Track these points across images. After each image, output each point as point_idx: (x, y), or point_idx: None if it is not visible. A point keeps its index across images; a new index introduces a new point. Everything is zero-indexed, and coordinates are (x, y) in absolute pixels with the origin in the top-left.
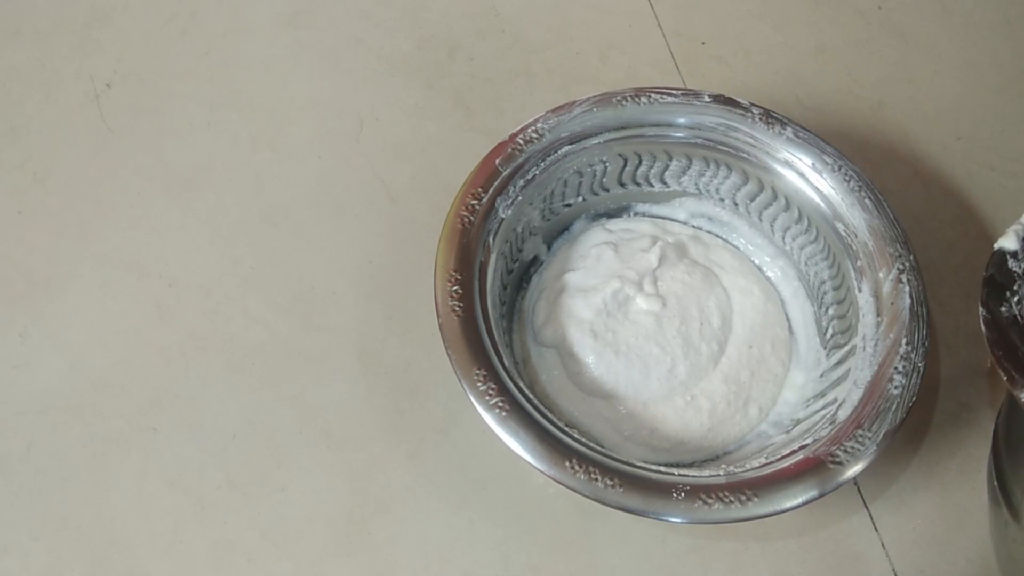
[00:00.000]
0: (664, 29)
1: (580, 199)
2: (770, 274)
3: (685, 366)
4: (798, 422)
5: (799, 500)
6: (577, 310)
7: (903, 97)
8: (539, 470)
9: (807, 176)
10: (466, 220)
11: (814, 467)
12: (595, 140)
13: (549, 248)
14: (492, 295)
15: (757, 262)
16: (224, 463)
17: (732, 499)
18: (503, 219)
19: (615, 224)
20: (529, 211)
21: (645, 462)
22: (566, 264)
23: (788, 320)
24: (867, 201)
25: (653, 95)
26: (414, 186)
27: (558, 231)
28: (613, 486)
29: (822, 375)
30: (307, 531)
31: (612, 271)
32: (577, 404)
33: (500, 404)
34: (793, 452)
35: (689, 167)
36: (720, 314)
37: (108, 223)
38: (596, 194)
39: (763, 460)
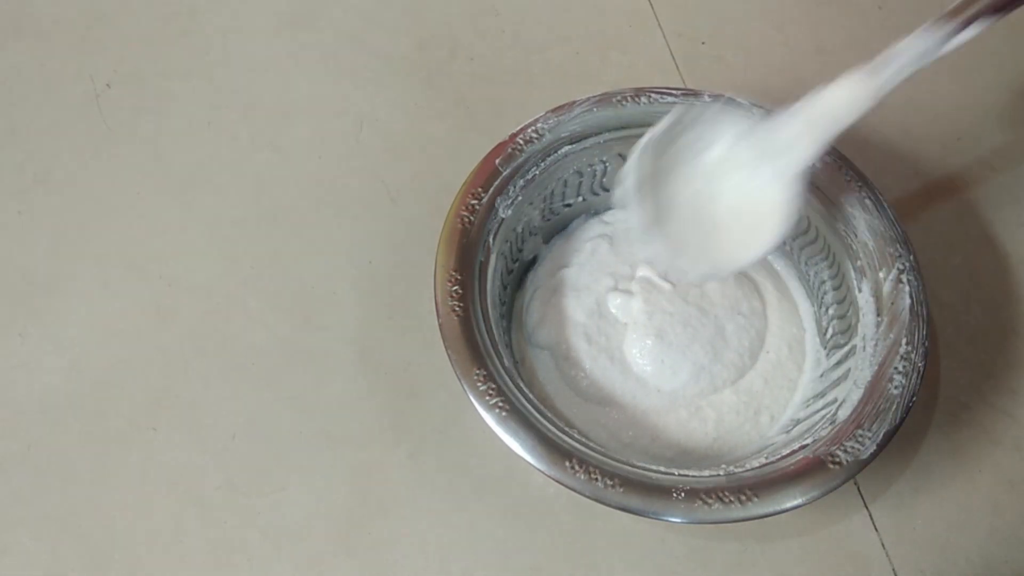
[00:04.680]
0: (664, 29)
1: (580, 199)
2: None
3: (692, 380)
4: (798, 422)
5: (799, 500)
6: (570, 311)
7: (903, 97)
8: (539, 470)
9: (807, 176)
10: (466, 220)
11: (814, 467)
12: (595, 140)
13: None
14: (492, 295)
15: None
16: (224, 463)
17: (732, 499)
18: (503, 219)
19: (613, 215)
20: (529, 211)
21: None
22: (560, 260)
23: (800, 316)
24: (867, 201)
25: (653, 95)
26: (414, 186)
27: (558, 231)
28: (613, 486)
29: (822, 375)
30: (307, 531)
31: (605, 267)
32: (574, 408)
33: (500, 404)
34: (793, 452)
35: None
36: (748, 330)
37: (108, 223)
38: (596, 194)
39: (763, 460)
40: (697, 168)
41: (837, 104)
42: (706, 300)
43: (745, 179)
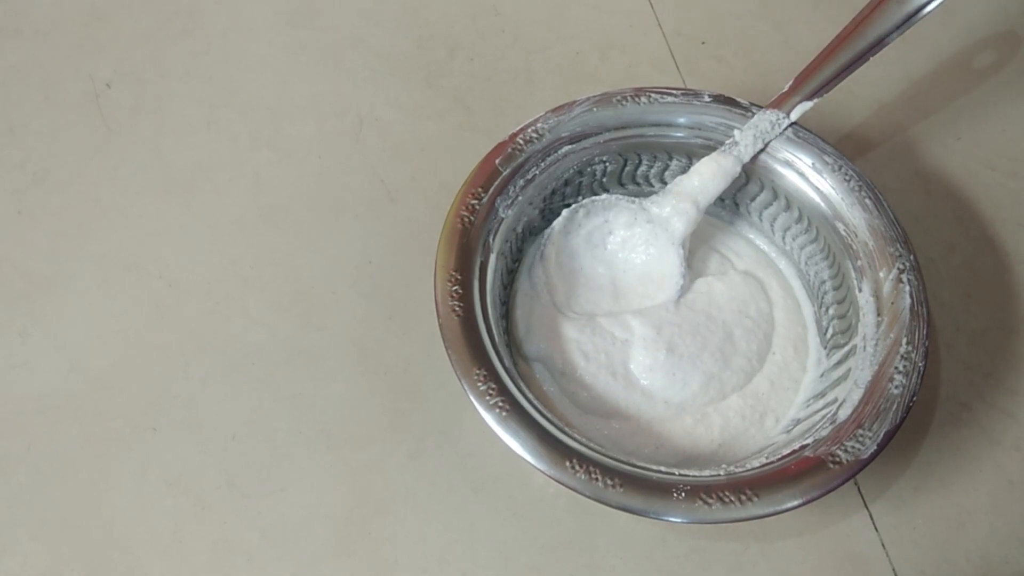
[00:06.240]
0: (664, 29)
1: (580, 199)
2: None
3: (702, 389)
4: (798, 422)
5: (799, 500)
6: (559, 324)
7: (903, 97)
8: (539, 470)
9: (807, 176)
10: (466, 220)
11: (814, 467)
12: (595, 140)
13: None
14: (492, 295)
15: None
16: (224, 463)
17: (732, 499)
18: (503, 219)
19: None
20: (529, 211)
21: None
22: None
23: (803, 314)
24: (867, 201)
25: (653, 95)
26: (414, 186)
27: None
28: (613, 486)
29: (822, 375)
30: (307, 531)
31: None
32: (574, 419)
33: (500, 404)
34: (793, 452)
35: (689, 167)
36: (756, 332)
37: (108, 223)
38: (596, 194)
39: (763, 460)
40: (607, 250)
41: (703, 179)
42: (714, 305)
43: (647, 250)
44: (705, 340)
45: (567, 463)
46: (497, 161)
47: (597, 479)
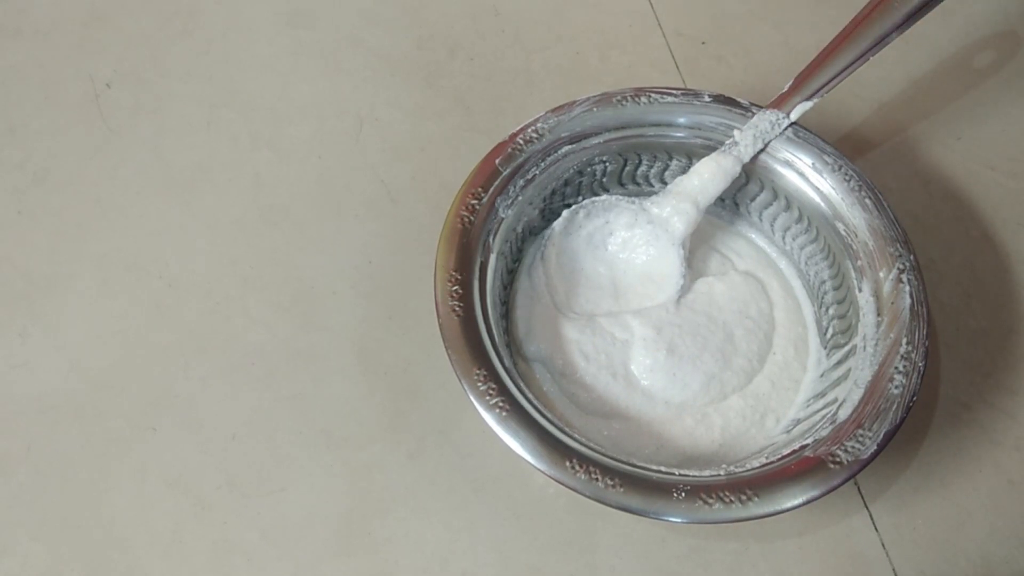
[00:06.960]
0: (664, 29)
1: (580, 199)
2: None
3: (702, 390)
4: (798, 422)
5: (799, 500)
6: (560, 326)
7: (903, 97)
8: (539, 470)
9: (807, 176)
10: (466, 220)
11: (814, 467)
12: (595, 140)
13: None
14: (492, 295)
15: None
16: (224, 463)
17: (732, 499)
18: (503, 219)
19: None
20: (529, 211)
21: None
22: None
23: (803, 314)
24: (867, 201)
25: (653, 95)
26: (414, 186)
27: None
28: (613, 486)
29: (822, 375)
30: (307, 531)
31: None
32: (574, 420)
33: (500, 404)
34: (793, 452)
35: (689, 167)
36: (756, 333)
37: (108, 223)
38: (596, 194)
39: (763, 460)
40: (607, 251)
41: (703, 179)
42: (714, 306)
43: (647, 250)
44: (706, 340)
45: (567, 463)
46: (497, 161)
47: (597, 479)
